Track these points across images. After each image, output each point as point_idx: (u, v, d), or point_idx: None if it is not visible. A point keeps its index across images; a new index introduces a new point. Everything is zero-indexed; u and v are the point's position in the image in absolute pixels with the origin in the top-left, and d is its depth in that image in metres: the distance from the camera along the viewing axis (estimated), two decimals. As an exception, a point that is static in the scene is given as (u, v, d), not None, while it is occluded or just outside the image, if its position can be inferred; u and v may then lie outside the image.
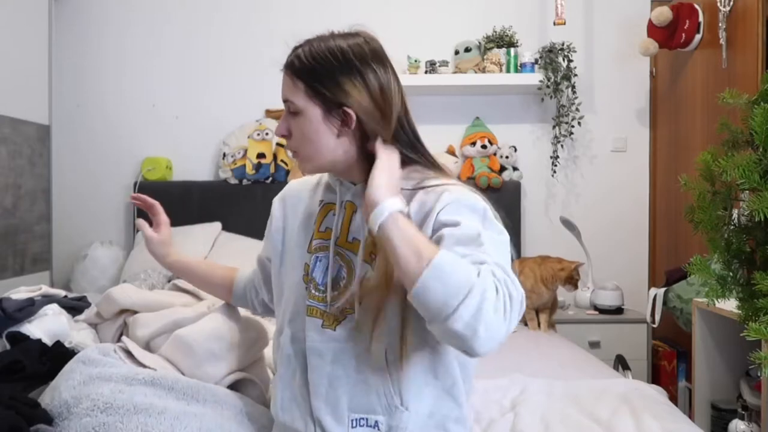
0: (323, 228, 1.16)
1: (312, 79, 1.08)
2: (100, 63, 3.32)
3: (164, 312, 1.47)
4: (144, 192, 3.17)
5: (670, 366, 2.78)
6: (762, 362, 1.37)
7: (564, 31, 3.10)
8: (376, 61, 1.08)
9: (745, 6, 2.46)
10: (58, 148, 3.09)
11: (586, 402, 1.50)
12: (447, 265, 0.88)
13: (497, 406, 1.52)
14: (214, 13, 3.31)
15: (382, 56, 1.10)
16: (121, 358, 1.29)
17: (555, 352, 2.13)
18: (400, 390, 1.08)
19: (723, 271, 1.59)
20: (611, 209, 3.30)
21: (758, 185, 1.43)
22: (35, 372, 1.27)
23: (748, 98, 1.57)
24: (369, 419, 1.09)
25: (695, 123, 2.84)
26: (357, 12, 3.22)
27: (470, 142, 3.18)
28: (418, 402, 1.09)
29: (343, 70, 1.07)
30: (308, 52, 1.09)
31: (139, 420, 1.08)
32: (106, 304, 1.53)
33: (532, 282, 2.46)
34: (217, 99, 3.31)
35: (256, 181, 3.13)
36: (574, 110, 3.12)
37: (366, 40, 1.10)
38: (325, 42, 1.10)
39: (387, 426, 1.08)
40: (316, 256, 1.15)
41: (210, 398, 1.20)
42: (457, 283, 0.86)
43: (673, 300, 2.53)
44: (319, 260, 1.14)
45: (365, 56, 1.08)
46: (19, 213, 2.71)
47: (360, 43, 1.09)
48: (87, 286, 2.92)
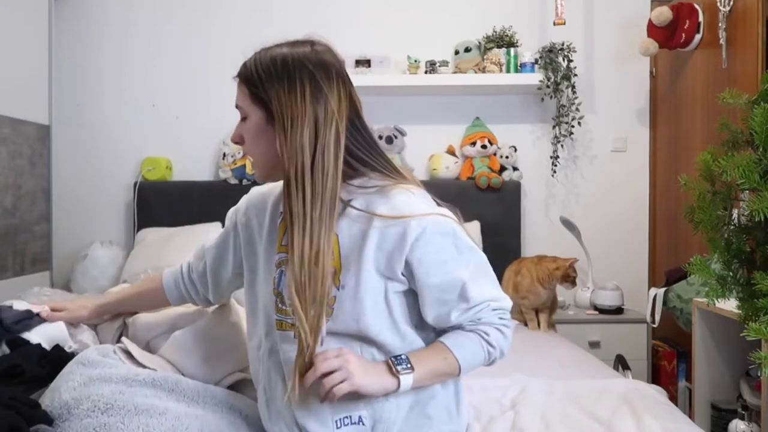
0: (285, 241, 1.12)
1: (253, 84, 1.10)
2: (100, 63, 3.32)
3: (163, 312, 1.47)
4: (144, 192, 3.19)
5: (670, 366, 2.78)
6: (762, 362, 1.37)
7: (564, 31, 3.10)
8: (318, 68, 1.08)
9: (745, 6, 2.46)
10: (58, 148, 3.09)
11: (586, 401, 1.50)
12: (469, 359, 1.14)
13: (497, 404, 1.52)
14: (214, 12, 3.31)
15: (327, 63, 1.10)
16: (121, 359, 1.29)
17: (555, 352, 2.13)
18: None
19: (723, 271, 1.59)
20: (611, 209, 3.30)
21: (758, 185, 1.43)
22: (35, 376, 1.27)
23: (748, 98, 1.57)
24: (352, 416, 1.10)
25: (695, 123, 2.84)
26: (357, 12, 3.22)
27: (470, 142, 3.18)
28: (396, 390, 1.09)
29: (279, 77, 1.08)
30: (254, 60, 1.13)
31: (140, 421, 1.08)
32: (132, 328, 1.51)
33: (529, 282, 2.46)
34: (217, 99, 3.31)
35: (256, 181, 3.12)
36: (574, 110, 3.12)
37: (313, 48, 1.11)
38: (270, 50, 1.12)
39: (371, 420, 1.10)
40: (280, 270, 1.13)
41: (210, 400, 1.20)
42: (480, 357, 1.15)
43: (673, 300, 2.53)
44: (284, 274, 1.12)
45: (305, 64, 1.08)
46: (19, 213, 2.71)
47: (305, 51, 1.10)
48: (87, 287, 2.91)
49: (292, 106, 1.06)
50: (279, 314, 1.13)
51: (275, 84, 1.08)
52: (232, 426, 1.18)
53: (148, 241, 3.01)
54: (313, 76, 1.07)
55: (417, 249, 1.07)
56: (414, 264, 1.08)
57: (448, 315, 1.12)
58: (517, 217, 3.16)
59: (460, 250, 1.10)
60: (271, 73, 1.09)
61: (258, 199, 1.27)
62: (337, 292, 1.08)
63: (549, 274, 2.47)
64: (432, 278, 1.09)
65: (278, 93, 1.07)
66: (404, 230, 1.06)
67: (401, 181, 1.14)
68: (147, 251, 2.92)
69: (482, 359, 1.15)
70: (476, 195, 3.12)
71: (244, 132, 1.14)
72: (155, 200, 3.18)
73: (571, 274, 2.47)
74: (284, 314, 1.12)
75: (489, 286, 1.15)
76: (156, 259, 2.77)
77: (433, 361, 1.11)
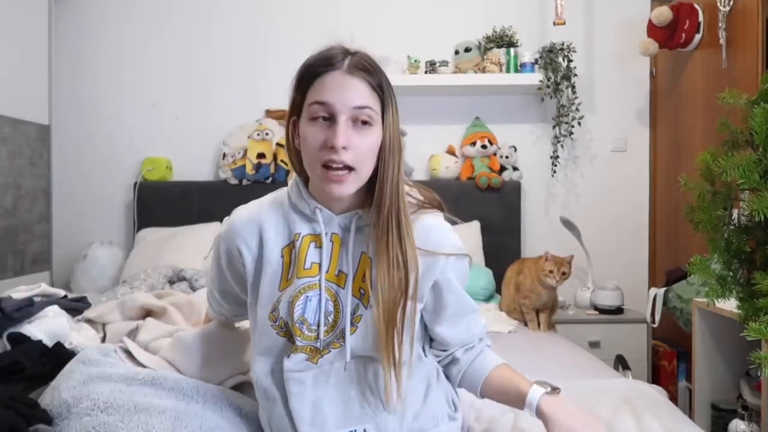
0: (309, 264, 1.09)
1: (383, 93, 1.06)
2: (100, 63, 3.32)
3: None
4: (144, 192, 3.19)
5: (670, 366, 2.78)
6: (762, 362, 1.37)
7: (564, 31, 3.10)
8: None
9: (745, 6, 2.46)
10: (58, 148, 3.09)
11: (586, 401, 1.50)
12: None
13: (497, 405, 1.51)
14: (215, 12, 3.31)
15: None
16: (121, 358, 1.30)
17: (555, 352, 2.12)
18: (381, 396, 1.09)
19: (723, 271, 1.58)
20: (611, 209, 3.30)
21: (758, 185, 1.42)
22: (35, 373, 1.27)
23: (748, 98, 1.57)
24: (357, 429, 1.09)
25: (695, 123, 2.84)
26: (357, 12, 3.22)
27: (470, 142, 3.18)
28: (400, 404, 1.10)
29: (392, 95, 1.08)
30: (376, 68, 1.06)
31: (139, 419, 1.08)
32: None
33: (530, 282, 2.46)
34: (217, 99, 3.31)
35: (256, 181, 3.12)
36: (574, 110, 3.12)
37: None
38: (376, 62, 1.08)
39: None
40: (306, 296, 1.08)
41: (210, 398, 1.20)
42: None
43: (673, 300, 2.53)
44: (309, 300, 1.08)
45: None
46: (19, 213, 2.71)
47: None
48: (87, 287, 2.91)
49: (393, 127, 1.08)
50: (303, 340, 1.09)
51: (390, 100, 1.08)
52: (231, 423, 1.18)
53: (147, 241, 3.01)
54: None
55: (448, 271, 1.12)
56: (443, 284, 1.13)
57: (468, 328, 1.20)
58: (517, 217, 3.16)
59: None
60: (390, 88, 1.08)
61: (251, 222, 1.13)
62: (364, 310, 1.08)
63: (546, 274, 2.46)
64: (452, 295, 1.15)
65: (388, 111, 1.07)
66: (435, 258, 1.10)
67: (424, 205, 1.16)
68: (147, 251, 2.92)
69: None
70: (476, 195, 3.12)
71: (357, 138, 1.04)
72: (155, 200, 3.18)
73: (548, 267, 2.41)
74: (309, 340, 1.09)
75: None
76: (156, 259, 2.78)
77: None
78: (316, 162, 1.03)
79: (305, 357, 1.08)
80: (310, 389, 1.09)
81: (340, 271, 1.09)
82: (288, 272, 1.10)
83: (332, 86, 1.02)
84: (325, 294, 1.08)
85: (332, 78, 1.03)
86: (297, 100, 1.08)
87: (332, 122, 1.02)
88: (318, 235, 1.10)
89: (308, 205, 1.10)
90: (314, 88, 1.04)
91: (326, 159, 1.02)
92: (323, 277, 1.08)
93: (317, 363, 1.09)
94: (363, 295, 1.08)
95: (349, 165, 1.02)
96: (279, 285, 1.10)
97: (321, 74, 1.04)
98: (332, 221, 1.10)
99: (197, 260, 2.82)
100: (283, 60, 3.23)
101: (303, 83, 1.07)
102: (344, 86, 1.02)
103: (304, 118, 1.06)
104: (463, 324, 1.18)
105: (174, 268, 2.62)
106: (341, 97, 1.02)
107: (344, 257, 1.09)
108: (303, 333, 1.08)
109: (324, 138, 1.02)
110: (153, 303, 1.73)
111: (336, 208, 1.10)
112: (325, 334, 1.08)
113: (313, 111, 1.03)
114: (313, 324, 1.08)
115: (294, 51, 3.23)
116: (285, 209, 1.13)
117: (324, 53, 1.05)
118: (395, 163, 1.07)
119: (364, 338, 1.08)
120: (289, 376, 1.09)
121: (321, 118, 1.03)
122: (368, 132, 1.04)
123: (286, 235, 1.12)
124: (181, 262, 2.70)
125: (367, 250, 1.09)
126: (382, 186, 1.05)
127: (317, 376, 1.09)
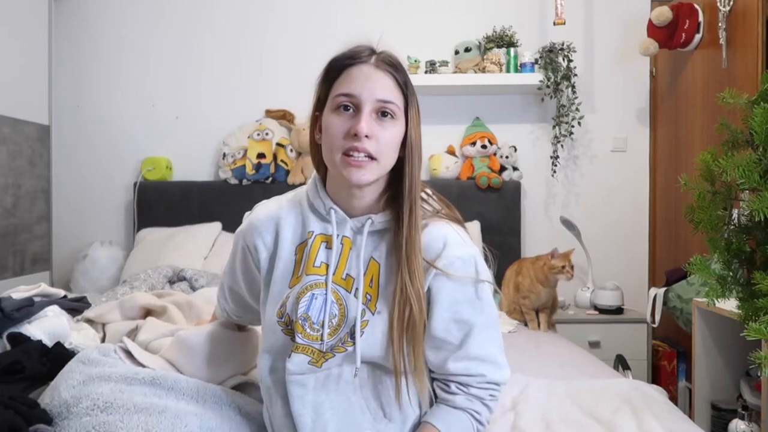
0: (318, 263, 1.09)
1: (407, 90, 1.08)
2: (100, 63, 3.32)
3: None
4: (144, 192, 3.19)
5: (670, 366, 2.78)
6: (762, 362, 1.36)
7: (564, 31, 3.10)
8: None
9: (745, 6, 2.46)
10: (58, 148, 3.10)
11: (586, 401, 1.50)
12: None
13: (497, 405, 1.51)
14: (214, 12, 3.31)
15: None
16: (121, 358, 1.29)
17: (555, 352, 2.13)
18: (381, 403, 1.09)
19: (723, 271, 1.58)
20: (611, 209, 3.30)
21: (758, 185, 1.42)
22: (35, 373, 1.27)
23: (748, 98, 1.57)
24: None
25: (695, 123, 2.84)
26: (357, 12, 3.22)
27: (470, 142, 3.18)
28: (400, 412, 1.10)
29: (414, 95, 1.09)
30: (401, 66, 1.09)
31: (139, 419, 1.08)
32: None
33: (529, 282, 2.46)
34: (217, 99, 3.31)
35: (256, 181, 3.13)
36: (574, 110, 3.12)
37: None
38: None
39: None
40: (312, 293, 1.08)
41: (210, 398, 1.20)
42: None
43: (673, 300, 2.53)
44: (315, 297, 1.08)
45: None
46: (19, 213, 2.72)
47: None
48: (87, 287, 2.92)
49: (416, 125, 1.10)
50: (305, 338, 1.08)
51: (413, 100, 1.10)
52: (231, 423, 1.18)
53: (148, 241, 3.01)
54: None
55: (440, 288, 1.07)
56: (431, 296, 1.08)
57: (445, 360, 1.11)
58: (517, 217, 3.16)
59: (479, 295, 1.09)
60: (413, 89, 1.10)
61: (269, 219, 1.15)
62: (371, 316, 1.07)
63: (544, 273, 2.46)
64: (439, 315, 1.08)
65: (411, 110, 1.09)
66: (438, 253, 1.07)
67: (439, 214, 1.13)
68: (147, 251, 2.92)
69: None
70: (476, 195, 3.12)
71: (380, 129, 1.06)
72: (155, 200, 3.18)
73: (559, 264, 2.41)
74: (312, 339, 1.08)
75: (493, 343, 1.13)
76: (156, 259, 2.78)
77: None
78: (338, 150, 1.04)
79: (308, 359, 1.07)
80: (312, 393, 1.08)
81: (347, 274, 1.09)
82: (299, 269, 1.11)
83: (360, 78, 1.05)
84: (331, 296, 1.08)
85: (359, 70, 1.05)
86: (321, 95, 1.10)
87: (356, 113, 1.04)
88: (329, 236, 1.10)
89: (324, 204, 1.11)
90: (340, 81, 1.06)
91: (348, 146, 1.03)
92: (330, 278, 1.08)
93: (321, 367, 1.08)
94: (370, 301, 1.08)
95: (371, 154, 1.03)
96: (290, 282, 1.11)
97: (348, 67, 1.06)
98: (345, 223, 1.10)
99: (197, 260, 2.82)
100: (282, 60, 3.23)
101: (329, 77, 1.09)
102: (371, 78, 1.05)
103: (327, 109, 1.08)
104: (442, 357, 1.11)
105: (174, 268, 2.62)
106: (367, 88, 1.04)
107: (353, 261, 1.09)
108: (305, 331, 1.07)
109: (348, 127, 1.03)
110: (153, 302, 1.73)
111: (351, 209, 1.10)
112: (329, 337, 1.07)
113: (338, 102, 1.05)
114: (316, 323, 1.07)
115: (293, 51, 3.25)
116: (303, 208, 1.15)
117: (351, 50, 1.08)
118: (416, 160, 1.08)
119: (371, 344, 1.07)
120: (292, 379, 1.08)
121: (344, 107, 1.04)
122: (391, 125, 1.06)
123: (300, 233, 1.13)
124: (181, 262, 2.70)
125: (376, 256, 1.09)
126: (402, 180, 1.06)
127: (320, 380, 1.09)
